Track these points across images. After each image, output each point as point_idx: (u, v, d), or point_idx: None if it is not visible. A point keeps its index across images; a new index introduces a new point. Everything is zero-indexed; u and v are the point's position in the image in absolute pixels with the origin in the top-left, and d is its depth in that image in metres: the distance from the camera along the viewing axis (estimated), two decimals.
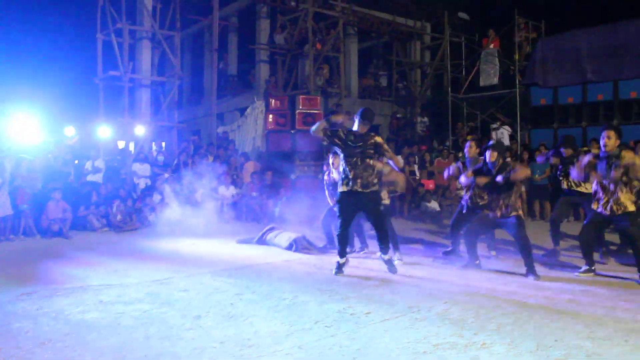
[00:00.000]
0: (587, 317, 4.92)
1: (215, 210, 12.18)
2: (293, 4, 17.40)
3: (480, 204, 7.66)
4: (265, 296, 5.67)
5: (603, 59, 14.42)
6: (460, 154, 13.37)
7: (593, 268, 6.73)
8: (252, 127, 16.24)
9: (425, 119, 19.61)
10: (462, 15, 21.97)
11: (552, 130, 15.04)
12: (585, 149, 9.98)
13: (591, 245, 6.82)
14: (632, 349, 4.18)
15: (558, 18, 17.23)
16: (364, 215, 7.22)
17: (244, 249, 8.89)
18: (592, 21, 15.42)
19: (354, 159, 6.65)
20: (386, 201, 7.76)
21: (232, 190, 13.02)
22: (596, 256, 7.18)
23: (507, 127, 16.20)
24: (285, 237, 8.79)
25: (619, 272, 6.88)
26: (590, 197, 6.88)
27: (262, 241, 9.12)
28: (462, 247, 7.54)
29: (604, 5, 16.67)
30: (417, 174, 14.26)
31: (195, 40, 22.78)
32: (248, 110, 16.73)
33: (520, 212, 6.78)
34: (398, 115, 20.07)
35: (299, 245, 8.44)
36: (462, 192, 8.42)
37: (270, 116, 14.03)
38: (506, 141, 15.67)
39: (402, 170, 7.67)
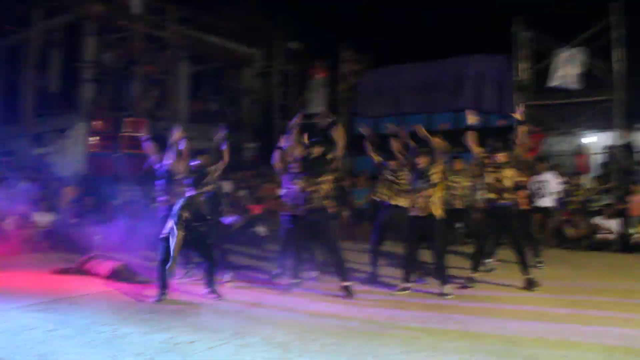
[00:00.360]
0: (403, 333, 5.30)
1: (28, 239, 11.34)
2: (122, 23, 16.84)
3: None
4: (81, 330, 5.39)
5: (418, 93, 15.65)
6: None
7: (409, 286, 7.26)
8: (73, 149, 15.37)
9: (254, 145, 19.85)
10: (293, 44, 22.69)
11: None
12: None
13: (413, 263, 7.37)
14: (442, 356, 4.63)
15: (380, 53, 18.39)
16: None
17: (60, 280, 8.29)
18: (410, 58, 16.73)
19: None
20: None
21: (48, 216, 12.20)
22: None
23: None
24: (106, 265, 8.40)
25: (432, 288, 7.38)
26: None
27: (80, 271, 8.62)
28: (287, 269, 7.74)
29: (419, 45, 18.12)
30: (246, 199, 14.36)
31: (11, 53, 21.11)
32: (69, 131, 15.84)
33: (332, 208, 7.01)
34: (227, 140, 20.06)
35: (121, 274, 8.12)
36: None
37: (94, 138, 13.38)
38: None
39: None
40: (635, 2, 12.63)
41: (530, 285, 7.41)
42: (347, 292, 6.85)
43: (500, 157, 7.55)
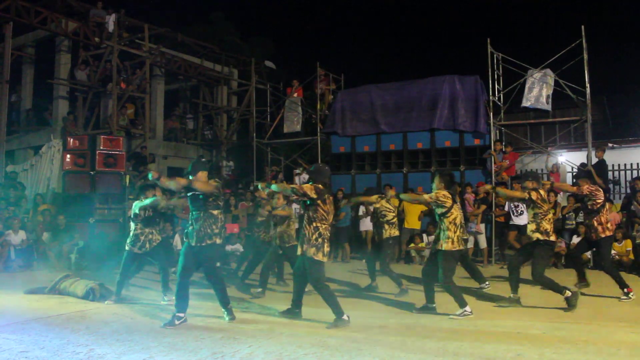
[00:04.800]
0: (382, 351, 5.28)
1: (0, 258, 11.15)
2: (97, 40, 16.75)
3: (287, 245, 8.65)
4: (55, 352, 5.27)
5: (394, 112, 15.76)
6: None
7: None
8: (47, 166, 15.17)
9: (231, 163, 19.83)
10: (268, 63, 22.83)
11: (350, 175, 16.00)
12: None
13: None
14: None
15: (355, 73, 18.58)
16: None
17: (34, 300, 8.16)
18: (385, 79, 16.93)
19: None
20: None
21: (21, 235, 12.00)
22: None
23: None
24: (81, 285, 8.27)
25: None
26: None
27: (55, 290, 8.47)
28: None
29: (393, 66, 18.40)
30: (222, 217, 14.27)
31: None
32: (43, 148, 15.64)
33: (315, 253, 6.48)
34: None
35: (97, 294, 8.00)
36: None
37: (68, 156, 13.18)
38: None
39: None
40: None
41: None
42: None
43: None
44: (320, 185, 6.52)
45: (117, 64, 16.56)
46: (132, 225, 8.18)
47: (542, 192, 7.62)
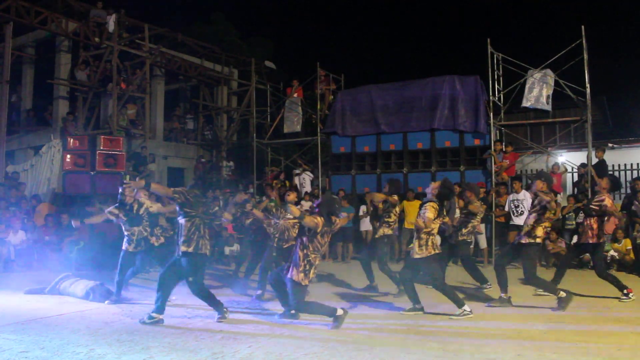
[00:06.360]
0: (383, 353, 5.27)
1: (0, 258, 11.14)
2: (97, 40, 16.75)
3: (285, 247, 8.37)
4: (55, 352, 5.27)
5: (394, 112, 15.74)
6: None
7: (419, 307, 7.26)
8: (47, 167, 15.17)
9: (231, 163, 19.82)
10: (268, 63, 22.83)
11: (350, 176, 15.99)
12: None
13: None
14: None
15: (355, 73, 18.54)
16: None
17: (34, 300, 8.15)
18: (385, 79, 16.92)
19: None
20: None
21: (21, 235, 12.00)
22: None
23: (308, 172, 16.92)
24: (81, 285, 8.28)
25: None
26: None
27: (55, 291, 8.48)
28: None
29: (393, 66, 18.37)
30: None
31: None
32: (43, 149, 15.65)
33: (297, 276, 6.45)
34: (203, 159, 20.08)
35: (97, 294, 8.01)
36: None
37: (68, 156, 13.18)
38: (308, 186, 16.38)
39: None
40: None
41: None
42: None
43: None
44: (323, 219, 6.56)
45: (117, 64, 16.55)
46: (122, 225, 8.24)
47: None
